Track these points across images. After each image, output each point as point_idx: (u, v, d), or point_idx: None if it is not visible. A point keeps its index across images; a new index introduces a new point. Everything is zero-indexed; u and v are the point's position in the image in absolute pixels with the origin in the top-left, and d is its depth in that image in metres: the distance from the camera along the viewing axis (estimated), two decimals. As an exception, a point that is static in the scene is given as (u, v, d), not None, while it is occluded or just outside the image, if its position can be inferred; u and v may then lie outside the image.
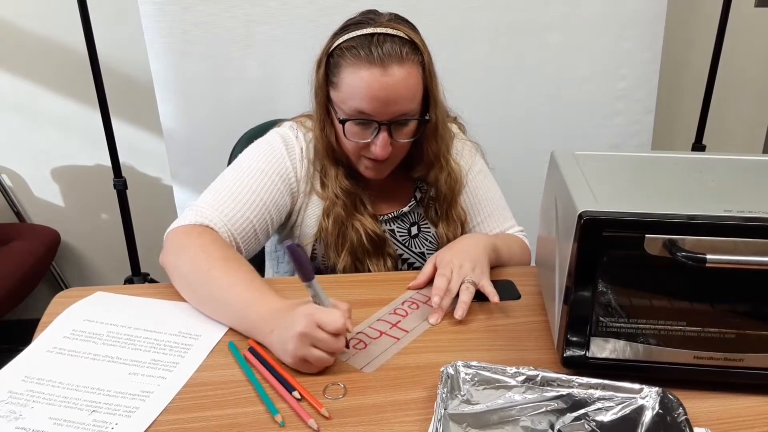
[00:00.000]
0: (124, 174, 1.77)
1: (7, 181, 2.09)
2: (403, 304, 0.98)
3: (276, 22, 1.64)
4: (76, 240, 2.20)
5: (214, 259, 0.94)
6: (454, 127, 1.23)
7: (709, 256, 0.70)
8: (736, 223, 0.71)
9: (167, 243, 1.02)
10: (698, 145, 2.04)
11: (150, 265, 1.96)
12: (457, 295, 0.94)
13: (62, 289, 1.00)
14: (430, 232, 1.20)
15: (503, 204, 1.25)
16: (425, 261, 1.11)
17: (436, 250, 1.13)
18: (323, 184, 1.12)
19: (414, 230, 1.19)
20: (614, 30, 1.81)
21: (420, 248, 1.19)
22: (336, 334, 0.79)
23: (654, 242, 0.72)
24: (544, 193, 0.98)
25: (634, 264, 0.74)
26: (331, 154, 1.10)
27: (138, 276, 1.89)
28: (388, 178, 1.14)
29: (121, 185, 1.76)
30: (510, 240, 1.20)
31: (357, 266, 1.13)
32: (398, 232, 1.18)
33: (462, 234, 1.17)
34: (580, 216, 0.72)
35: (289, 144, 1.11)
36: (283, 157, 1.10)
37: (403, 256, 1.19)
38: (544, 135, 1.88)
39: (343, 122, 1.03)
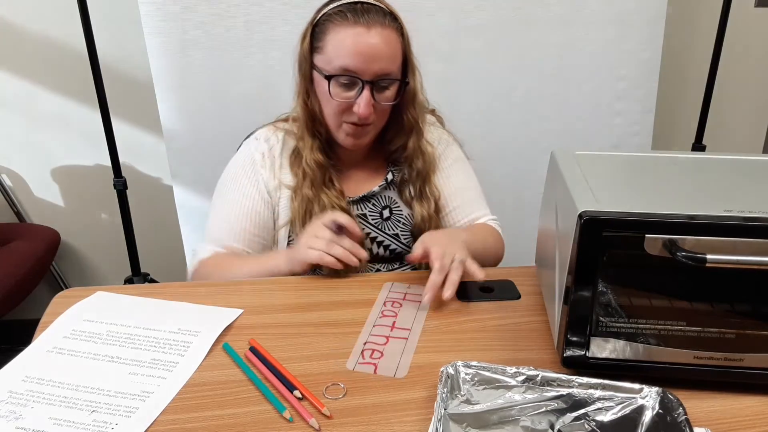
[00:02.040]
0: (124, 174, 1.77)
1: (7, 181, 2.09)
2: (385, 305, 0.98)
3: (276, 22, 1.64)
4: (76, 240, 2.20)
5: (230, 262, 1.14)
6: (432, 119, 1.28)
7: (709, 256, 0.70)
8: (736, 223, 0.71)
9: (200, 275, 1.17)
10: (698, 145, 2.04)
11: (150, 265, 1.96)
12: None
13: (62, 289, 1.00)
14: (402, 214, 1.23)
15: (479, 192, 1.29)
16: (399, 242, 1.21)
17: (410, 230, 1.22)
18: (294, 162, 1.18)
19: (386, 213, 1.22)
20: (614, 30, 1.81)
21: (394, 230, 1.22)
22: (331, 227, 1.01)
23: (654, 242, 0.72)
24: (544, 193, 0.98)
25: (634, 264, 0.74)
26: (311, 126, 1.16)
27: (138, 276, 1.89)
28: (362, 159, 1.21)
29: (121, 185, 1.77)
30: (483, 231, 1.24)
31: None
32: (370, 216, 1.21)
33: (436, 211, 1.22)
34: (580, 216, 0.72)
35: (247, 160, 1.19)
36: (248, 171, 1.19)
37: (378, 239, 1.21)
38: (544, 135, 1.88)
39: (329, 78, 1.08)
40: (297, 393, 0.76)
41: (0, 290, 1.78)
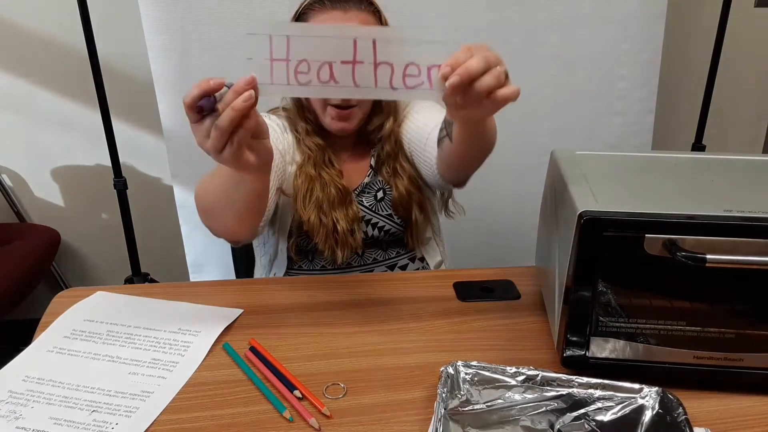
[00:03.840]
0: (124, 174, 1.77)
1: (7, 181, 2.09)
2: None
3: (276, 22, 1.64)
4: (76, 240, 2.20)
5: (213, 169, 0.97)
6: None
7: (708, 256, 0.70)
8: (736, 223, 0.71)
9: (197, 197, 0.99)
10: (698, 145, 2.04)
11: (150, 265, 1.96)
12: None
13: (62, 289, 1.00)
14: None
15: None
16: (393, 222, 1.22)
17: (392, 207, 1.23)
18: (298, 141, 1.20)
19: (380, 194, 1.24)
20: (614, 30, 1.81)
21: (388, 210, 1.23)
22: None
23: (654, 242, 0.72)
24: (544, 193, 0.98)
25: (634, 264, 0.74)
26: (301, 113, 1.19)
27: (138, 276, 1.89)
28: (351, 150, 1.24)
29: (121, 185, 1.77)
30: None
31: (322, 219, 1.16)
32: (366, 200, 1.23)
33: (413, 186, 1.21)
34: (580, 216, 0.72)
35: (274, 118, 1.20)
36: (280, 128, 1.19)
37: (372, 221, 1.22)
38: (544, 135, 1.88)
39: None
40: (297, 393, 0.76)
41: (0, 290, 1.78)
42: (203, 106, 0.72)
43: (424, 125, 1.18)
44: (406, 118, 1.24)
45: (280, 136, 1.18)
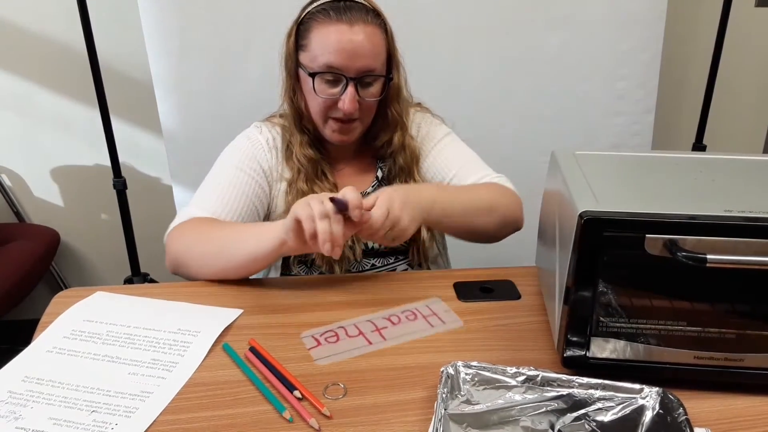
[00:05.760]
0: (123, 174, 1.77)
1: (7, 181, 2.09)
2: (402, 313, 0.97)
3: (276, 22, 1.64)
4: (76, 240, 2.20)
5: (218, 225, 1.08)
6: (417, 110, 1.28)
7: (709, 256, 0.70)
8: (737, 223, 0.71)
9: (169, 241, 1.10)
10: (698, 145, 2.04)
11: (150, 265, 1.96)
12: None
13: (62, 289, 1.00)
14: None
15: (476, 157, 1.26)
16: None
17: None
18: (289, 157, 1.19)
19: None
20: (614, 30, 1.81)
21: None
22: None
23: (654, 242, 0.72)
24: (544, 193, 0.98)
25: (634, 264, 0.74)
26: (298, 123, 1.17)
27: (138, 276, 1.89)
28: (352, 156, 1.23)
29: (120, 185, 1.77)
30: (479, 189, 1.17)
31: None
32: None
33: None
34: (580, 216, 0.72)
35: (252, 140, 1.20)
36: (250, 152, 1.18)
37: None
38: (544, 135, 1.88)
39: (313, 75, 1.09)
40: (297, 393, 0.76)
41: (0, 290, 1.78)
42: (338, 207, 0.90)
43: (443, 167, 1.23)
44: (429, 155, 1.23)
45: (267, 153, 1.18)
